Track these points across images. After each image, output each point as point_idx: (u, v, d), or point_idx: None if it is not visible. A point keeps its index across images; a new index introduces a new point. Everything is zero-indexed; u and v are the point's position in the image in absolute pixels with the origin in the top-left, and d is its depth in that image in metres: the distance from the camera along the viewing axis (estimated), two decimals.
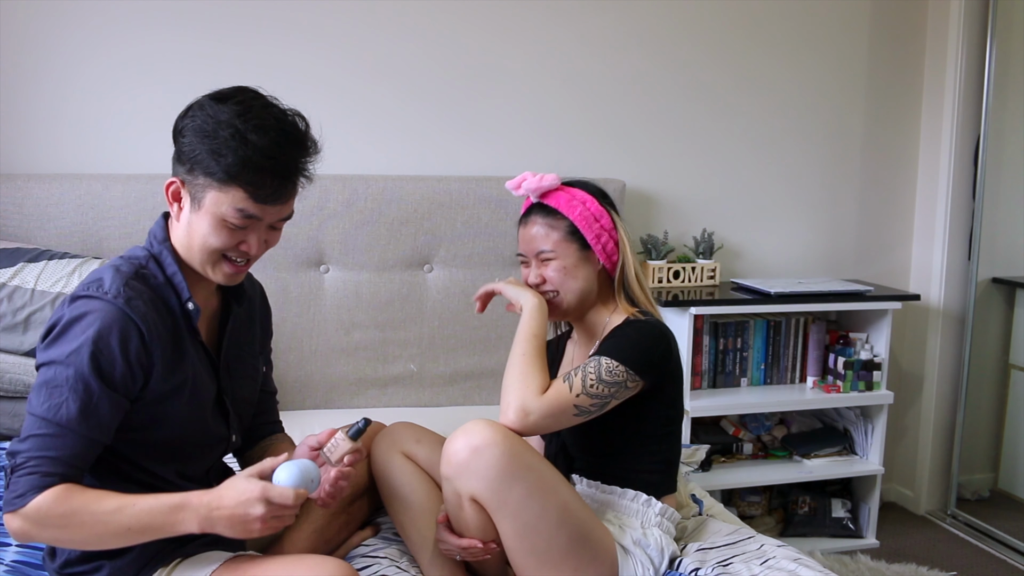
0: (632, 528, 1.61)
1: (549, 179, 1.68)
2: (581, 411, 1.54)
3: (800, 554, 1.63)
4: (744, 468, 2.83)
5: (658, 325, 1.64)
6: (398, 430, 1.81)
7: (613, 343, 1.60)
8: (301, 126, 1.35)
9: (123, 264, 1.36)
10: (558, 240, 1.66)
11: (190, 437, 1.41)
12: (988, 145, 2.99)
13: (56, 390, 1.25)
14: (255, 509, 1.23)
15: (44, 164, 2.42)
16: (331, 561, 1.35)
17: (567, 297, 1.68)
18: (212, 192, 1.30)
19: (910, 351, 3.21)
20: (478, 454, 1.44)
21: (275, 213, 1.35)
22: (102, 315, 1.27)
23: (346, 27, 2.57)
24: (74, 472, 1.25)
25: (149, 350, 1.30)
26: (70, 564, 1.38)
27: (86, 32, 2.40)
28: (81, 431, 1.25)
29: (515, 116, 2.73)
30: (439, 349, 2.58)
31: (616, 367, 1.55)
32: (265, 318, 1.66)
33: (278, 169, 1.30)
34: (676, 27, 2.84)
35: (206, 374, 1.43)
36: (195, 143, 1.30)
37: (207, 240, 1.33)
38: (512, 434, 1.49)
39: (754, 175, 3.00)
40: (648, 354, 1.59)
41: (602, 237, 1.66)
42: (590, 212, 1.66)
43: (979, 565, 2.81)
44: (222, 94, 1.33)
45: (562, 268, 1.65)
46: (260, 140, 1.28)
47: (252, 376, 1.59)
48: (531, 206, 1.71)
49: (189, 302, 1.38)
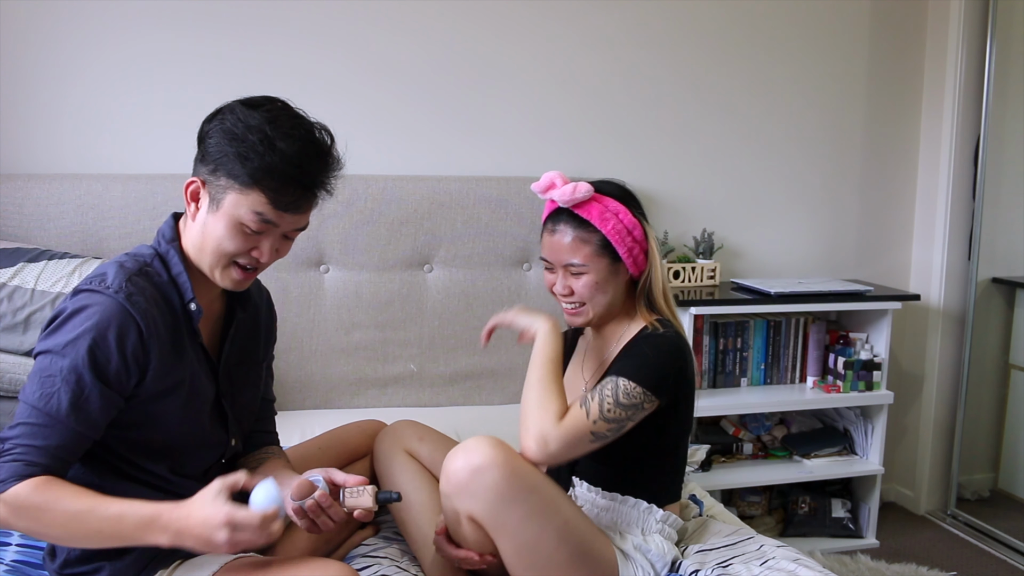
0: (633, 534, 1.60)
1: (583, 189, 1.58)
2: (598, 437, 1.51)
3: (800, 554, 1.63)
4: (744, 468, 2.83)
5: (674, 339, 1.60)
6: (401, 428, 1.82)
7: (629, 362, 1.56)
8: (327, 140, 1.37)
9: (128, 260, 1.36)
10: (589, 254, 1.59)
11: (185, 439, 1.41)
12: (988, 145, 2.99)
13: (49, 379, 1.25)
14: (219, 534, 1.20)
15: (44, 164, 2.42)
16: (333, 564, 1.35)
17: (594, 310, 1.64)
18: (233, 194, 1.31)
19: (910, 351, 3.21)
20: (478, 475, 1.43)
21: (292, 222, 1.35)
22: (102, 309, 1.27)
23: (346, 27, 2.57)
24: (59, 464, 1.25)
25: (146, 347, 1.30)
26: (70, 564, 1.38)
27: (86, 32, 2.40)
28: (70, 424, 1.25)
29: (515, 116, 2.73)
30: (439, 349, 2.58)
31: (633, 388, 1.51)
32: (269, 326, 1.65)
33: (302, 178, 1.31)
34: (676, 27, 2.84)
35: (205, 377, 1.43)
36: (223, 145, 1.30)
37: (221, 243, 1.34)
38: (513, 453, 1.47)
39: (754, 175, 3.00)
40: (664, 373, 1.55)
41: (634, 250, 1.61)
42: (623, 225, 1.59)
43: (979, 565, 2.81)
44: (253, 101, 1.34)
45: (593, 284, 1.60)
46: (288, 148, 1.29)
47: (254, 383, 1.59)
48: (558, 211, 1.62)
49: (192, 303, 1.38)
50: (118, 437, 1.34)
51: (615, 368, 1.57)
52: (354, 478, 1.42)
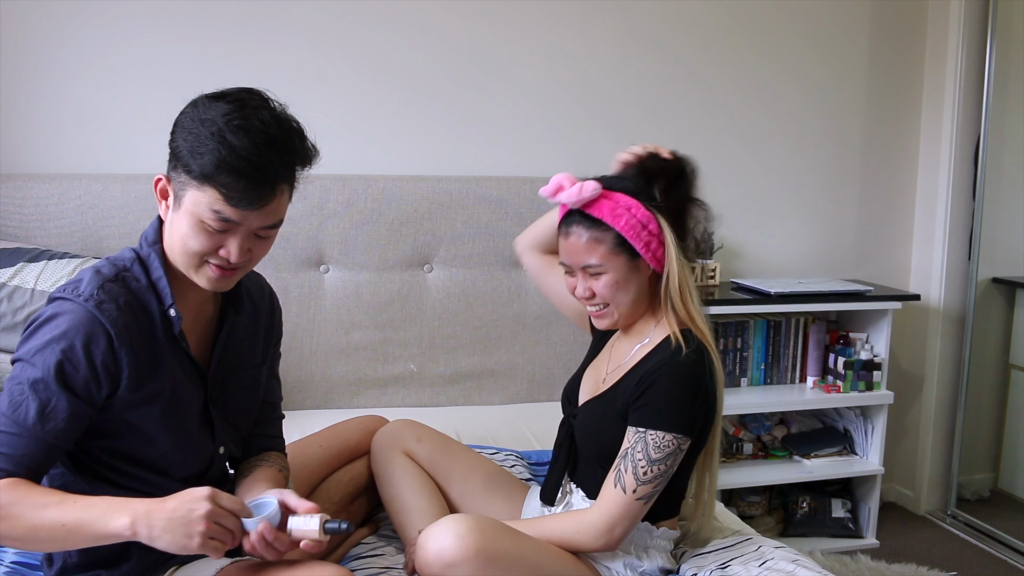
0: (626, 553, 1.57)
1: (589, 188, 1.52)
2: (648, 497, 1.47)
3: (798, 555, 1.63)
4: (744, 468, 2.83)
5: (692, 365, 1.49)
6: (399, 428, 1.80)
7: (651, 408, 1.48)
8: (291, 132, 1.28)
9: (105, 266, 1.32)
10: (605, 253, 1.53)
11: (169, 448, 1.36)
12: (988, 145, 2.99)
13: (18, 387, 1.22)
14: (199, 506, 1.17)
15: (44, 164, 2.42)
16: (330, 567, 1.32)
17: (619, 310, 1.57)
18: (191, 191, 1.25)
19: (910, 351, 3.21)
20: (450, 570, 1.37)
21: (256, 219, 1.27)
22: (71, 317, 1.24)
23: (347, 27, 2.57)
24: (26, 472, 1.22)
25: (117, 356, 1.26)
26: (66, 572, 1.36)
27: (86, 32, 2.41)
28: (37, 433, 1.21)
29: (515, 116, 2.73)
30: (439, 349, 2.58)
31: (662, 439, 1.46)
32: (270, 327, 1.58)
33: (253, 173, 1.23)
34: (676, 27, 2.84)
35: (190, 385, 1.38)
36: (180, 139, 1.27)
37: (186, 241, 1.28)
38: (488, 533, 1.40)
39: (754, 175, 3.00)
40: (690, 410, 1.48)
41: (651, 244, 1.53)
42: (637, 220, 1.52)
43: (979, 565, 2.81)
44: (220, 93, 1.29)
45: (613, 283, 1.54)
46: (238, 142, 1.22)
47: (250, 387, 1.53)
48: (571, 213, 1.57)
49: (171, 308, 1.32)
50: (101, 447, 1.31)
51: (636, 416, 1.50)
52: (305, 504, 1.31)
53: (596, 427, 1.59)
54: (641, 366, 1.55)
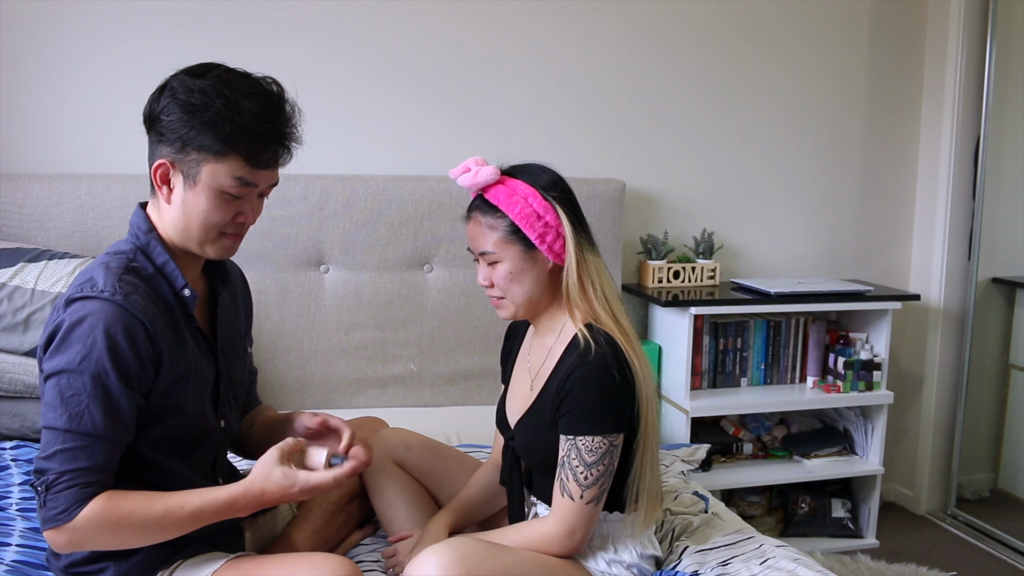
0: (602, 549, 1.56)
1: (485, 173, 1.53)
2: (597, 499, 1.46)
3: (800, 554, 1.63)
4: (744, 468, 2.83)
5: (601, 365, 1.44)
6: (388, 437, 1.78)
7: (574, 416, 1.45)
8: (282, 90, 1.38)
9: (111, 260, 1.33)
10: (499, 240, 1.51)
11: (192, 426, 1.40)
12: (988, 145, 2.99)
13: (74, 399, 1.23)
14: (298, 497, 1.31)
15: (44, 164, 2.42)
16: (334, 558, 1.34)
17: (515, 301, 1.54)
18: (208, 165, 1.29)
19: (910, 351, 3.21)
20: None
21: (267, 179, 1.36)
22: (104, 315, 1.25)
23: (347, 27, 2.57)
24: (108, 477, 1.25)
25: (155, 342, 1.29)
26: (76, 564, 1.37)
27: (86, 32, 2.41)
28: (107, 435, 1.24)
29: (515, 116, 2.73)
30: (439, 349, 2.58)
31: (593, 442, 1.44)
32: (246, 299, 1.66)
33: (274, 133, 1.32)
34: (676, 27, 2.84)
35: (205, 360, 1.42)
36: (184, 119, 1.29)
37: (208, 216, 1.32)
38: (470, 565, 1.37)
39: (754, 175, 3.00)
40: (612, 407, 1.45)
41: (547, 236, 1.49)
42: (532, 209, 1.49)
43: (979, 565, 2.81)
44: (194, 70, 1.34)
45: (507, 273, 1.51)
46: (253, 106, 1.29)
47: (243, 357, 1.59)
48: (475, 198, 1.57)
49: (185, 289, 1.37)
50: (136, 438, 1.33)
51: (563, 425, 1.47)
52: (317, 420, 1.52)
53: (535, 442, 1.56)
54: (558, 370, 1.51)
